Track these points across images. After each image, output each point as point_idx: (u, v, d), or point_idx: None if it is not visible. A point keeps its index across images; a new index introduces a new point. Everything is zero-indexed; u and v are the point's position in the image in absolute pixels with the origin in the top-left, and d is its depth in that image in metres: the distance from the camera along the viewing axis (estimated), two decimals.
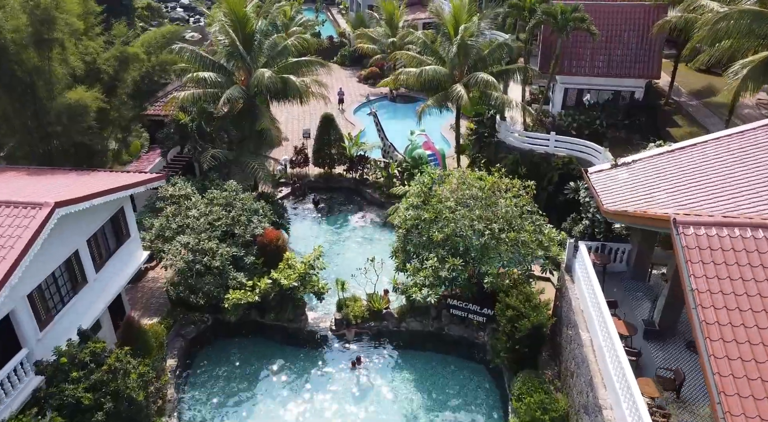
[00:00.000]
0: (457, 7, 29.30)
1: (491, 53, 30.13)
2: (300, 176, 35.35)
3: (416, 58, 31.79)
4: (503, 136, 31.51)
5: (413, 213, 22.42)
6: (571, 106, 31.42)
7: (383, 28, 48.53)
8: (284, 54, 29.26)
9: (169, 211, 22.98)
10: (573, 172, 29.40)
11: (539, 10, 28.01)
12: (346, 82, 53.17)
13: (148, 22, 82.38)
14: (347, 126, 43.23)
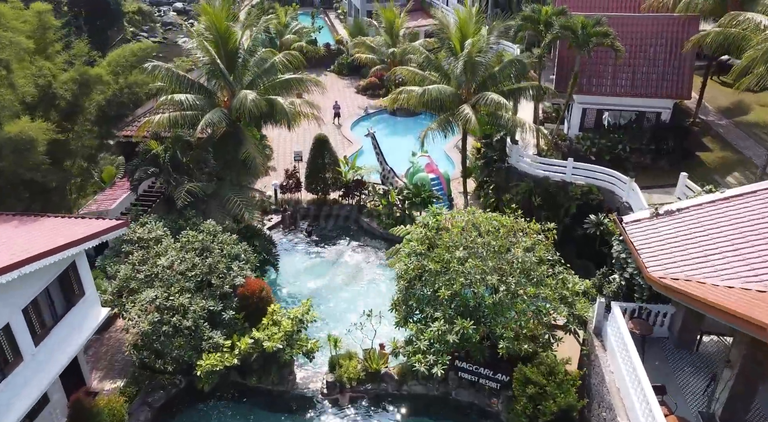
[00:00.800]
0: (464, 20, 26.30)
1: (502, 70, 27.11)
2: (291, 203, 32.33)
3: (418, 73, 28.81)
4: (514, 161, 28.48)
5: (416, 261, 19.39)
6: (590, 128, 28.39)
7: (383, 37, 45.54)
8: (272, 72, 26.24)
9: (135, 258, 19.97)
10: (593, 202, 26.39)
11: (557, 24, 24.99)
12: (344, 93, 50.18)
13: (139, 26, 79.56)
14: (344, 143, 40.26)
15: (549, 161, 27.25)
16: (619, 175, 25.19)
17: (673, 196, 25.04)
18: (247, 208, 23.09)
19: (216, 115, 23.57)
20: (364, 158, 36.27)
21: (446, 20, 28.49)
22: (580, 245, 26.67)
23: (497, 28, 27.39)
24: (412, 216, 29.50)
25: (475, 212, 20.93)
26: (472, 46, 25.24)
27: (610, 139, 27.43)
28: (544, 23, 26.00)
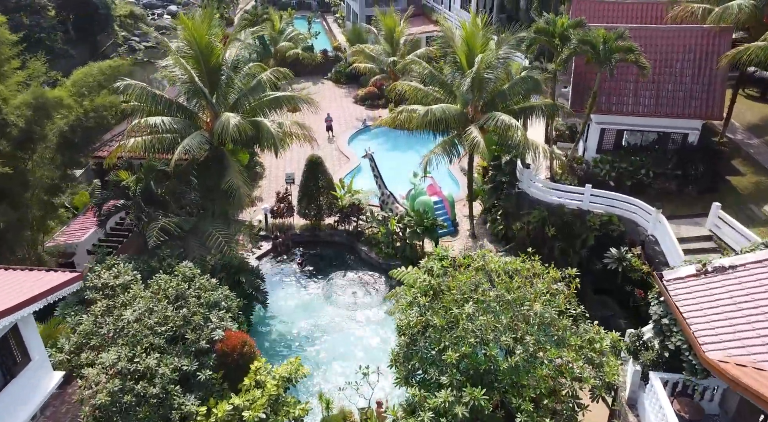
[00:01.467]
0: (470, 33, 23.80)
1: (512, 87, 24.63)
2: (283, 228, 29.84)
3: (420, 90, 26.33)
4: (526, 186, 25.99)
5: (418, 315, 16.87)
6: (609, 149, 25.86)
7: (382, 45, 43.02)
8: (259, 90, 23.76)
9: (98, 308, 17.47)
10: (613, 234, 23.91)
11: (574, 38, 22.47)
12: (341, 103, 47.69)
13: (131, 31, 77.09)
14: (340, 159, 37.77)
15: (564, 187, 24.76)
16: (643, 205, 22.71)
17: (703, 227, 22.59)
18: (229, 245, 20.58)
19: (196, 140, 21.10)
20: (362, 177, 33.89)
21: (451, 32, 25.97)
22: (599, 279, 24.19)
23: (507, 41, 24.87)
24: (414, 246, 27.03)
25: (485, 255, 18.42)
26: (480, 63, 22.73)
27: (632, 162, 24.90)
28: (559, 36, 23.48)
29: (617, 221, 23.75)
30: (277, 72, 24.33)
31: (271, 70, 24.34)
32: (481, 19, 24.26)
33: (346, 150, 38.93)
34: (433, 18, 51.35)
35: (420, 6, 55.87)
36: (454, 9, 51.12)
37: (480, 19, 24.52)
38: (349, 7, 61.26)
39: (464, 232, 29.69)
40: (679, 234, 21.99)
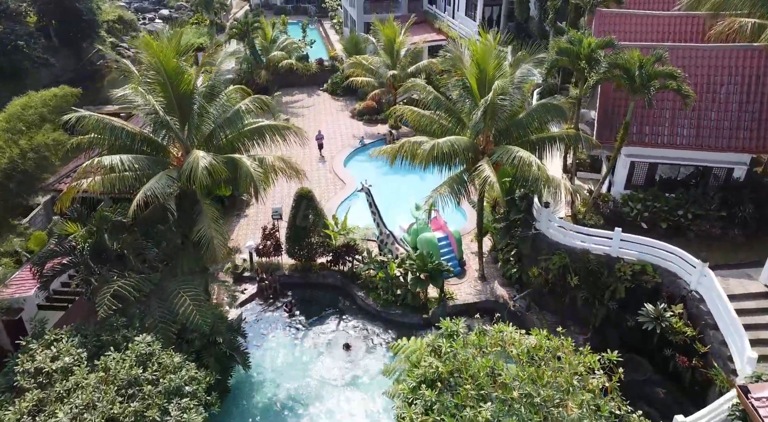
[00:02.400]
0: (482, 54, 20.51)
1: (531, 116, 21.36)
2: (270, 268, 26.57)
3: (424, 116, 23.07)
4: (543, 227, 22.74)
5: (423, 412, 13.62)
6: (639, 185, 22.61)
7: (381, 57, 39.73)
8: (236, 120, 20.48)
9: (26, 403, 14.19)
10: (647, 286, 20.67)
11: (604, 61, 19.20)
12: (337, 117, 44.41)
13: (120, 37, 73.77)
14: (335, 183, 34.47)
15: (589, 231, 21.47)
16: (685, 255, 19.44)
17: (757, 281, 19.40)
18: (199, 309, 17.29)
19: (161, 183, 17.83)
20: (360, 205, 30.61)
21: (459, 51, 22.64)
22: (631, 337, 20.95)
23: (524, 62, 21.56)
24: (417, 293, 23.78)
25: (503, 332, 15.16)
26: (495, 90, 19.44)
27: (667, 201, 21.65)
28: (586, 59, 20.18)
29: (652, 271, 20.49)
30: (257, 101, 20.99)
31: (251, 99, 20.99)
32: (493, 35, 20.90)
33: (341, 173, 35.63)
34: (436, 26, 48.09)
35: (422, 12, 52.61)
36: (458, 16, 47.82)
37: (492, 34, 21.19)
38: (347, 13, 58.01)
39: (472, 273, 26.44)
40: (728, 290, 18.75)
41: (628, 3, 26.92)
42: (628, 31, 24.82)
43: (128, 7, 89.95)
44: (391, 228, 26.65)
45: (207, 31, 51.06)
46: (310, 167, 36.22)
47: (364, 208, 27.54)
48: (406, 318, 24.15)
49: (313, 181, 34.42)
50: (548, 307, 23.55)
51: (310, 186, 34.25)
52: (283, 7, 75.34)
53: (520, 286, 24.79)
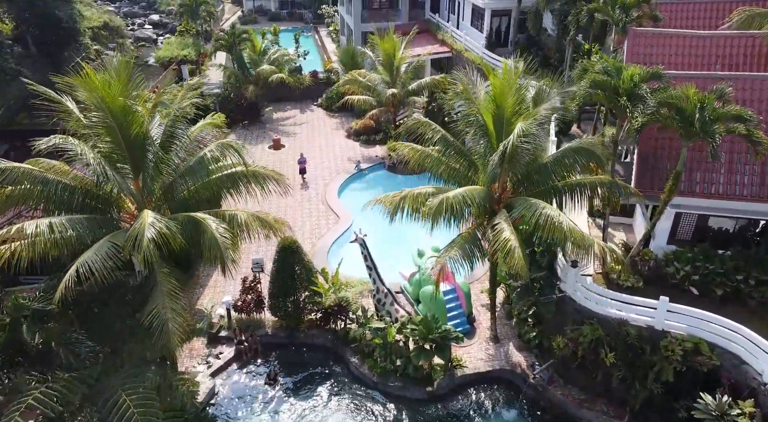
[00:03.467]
0: (500, 89, 16.88)
1: (559, 161, 17.74)
2: (251, 326, 22.96)
3: (429, 156, 19.44)
4: (570, 289, 19.14)
5: None
6: (686, 240, 19.01)
7: (380, 74, 36.11)
8: (199, 171, 16.85)
9: None
10: (703, 369, 17.05)
11: (652, 99, 15.59)
12: (332, 136, 40.81)
13: (106, 44, 70.05)
14: (327, 216, 30.80)
15: (628, 299, 17.86)
16: (755, 338, 15.81)
17: None
18: (144, 416, 13.65)
19: (101, 254, 14.24)
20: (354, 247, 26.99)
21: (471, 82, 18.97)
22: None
23: (551, 97, 17.90)
24: (420, 367, 20.17)
25: None
26: (517, 133, 15.81)
27: (722, 261, 18.04)
28: (627, 94, 16.54)
29: (709, 351, 16.90)
30: (229, 147, 17.31)
31: (217, 144, 17.34)
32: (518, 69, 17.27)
33: (335, 204, 31.96)
34: (439, 37, 44.46)
35: (423, 21, 48.97)
36: (464, 27, 44.20)
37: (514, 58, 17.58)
38: (344, 21, 54.42)
39: (483, 331, 22.86)
40: None
41: (667, 21, 23.28)
42: (667, 53, 21.20)
43: (117, 11, 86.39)
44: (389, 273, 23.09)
45: (192, 41, 47.35)
46: (300, 198, 32.64)
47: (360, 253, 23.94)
48: (407, 392, 20.57)
49: (303, 215, 30.86)
50: (576, 382, 19.97)
51: (299, 219, 31.15)
52: (278, 13, 71.78)
53: (539, 352, 21.20)
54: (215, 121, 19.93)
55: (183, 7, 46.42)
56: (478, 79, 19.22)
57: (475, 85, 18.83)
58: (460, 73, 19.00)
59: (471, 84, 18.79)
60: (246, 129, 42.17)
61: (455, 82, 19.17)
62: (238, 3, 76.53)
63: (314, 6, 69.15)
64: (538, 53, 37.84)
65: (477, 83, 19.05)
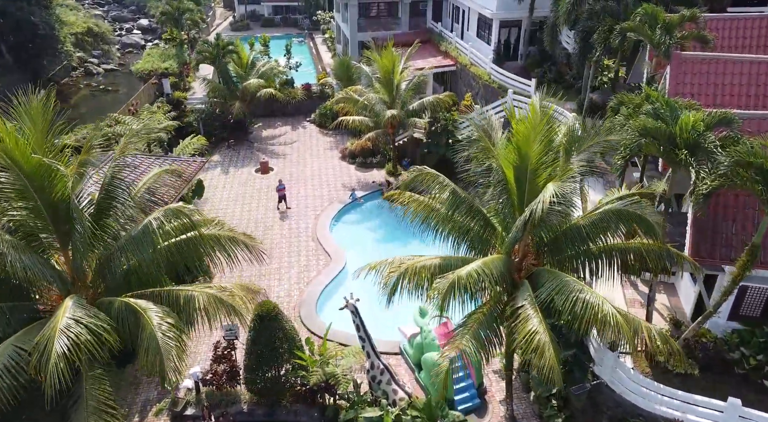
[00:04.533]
0: (524, 136, 13.33)
1: (597, 225, 14.17)
2: (222, 400, 19.38)
3: (435, 210, 15.87)
4: (607, 377, 15.61)
5: None
6: (753, 317, 15.48)
7: (377, 92, 32.55)
8: (144, 242, 13.22)
9: None
10: None
11: (725, 157, 12.08)
12: (325, 158, 37.28)
13: (90, 51, 66.51)
14: (317, 255, 27.17)
15: (685, 396, 14.32)
16: None
17: None
18: None
19: (2, 362, 10.68)
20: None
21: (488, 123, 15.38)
22: None
23: (588, 145, 14.31)
24: None
25: None
26: (544, 201, 12.25)
27: None
28: (688, 146, 12.98)
29: None
30: (179, 213, 13.65)
31: (164, 211, 13.69)
32: (544, 110, 13.71)
33: (326, 241, 28.36)
34: (442, 48, 40.89)
35: (425, 30, 45.41)
36: (468, 38, 40.66)
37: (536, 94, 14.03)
38: (339, 28, 50.88)
39: (496, 408, 19.28)
40: None
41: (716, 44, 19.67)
42: (719, 83, 17.66)
43: (105, 15, 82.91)
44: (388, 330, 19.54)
45: (175, 52, 43.75)
46: (288, 232, 29.09)
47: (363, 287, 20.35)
48: None
49: (291, 254, 27.28)
50: None
51: (285, 259, 27.83)
52: (271, 19, 68.20)
53: None
54: (173, 168, 16.34)
55: (164, 15, 42.79)
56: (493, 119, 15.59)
57: (491, 128, 15.24)
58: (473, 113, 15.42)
59: (487, 126, 15.21)
60: (232, 149, 38.67)
61: (463, 113, 15.61)
62: (231, 7, 72.95)
63: (309, 12, 65.62)
64: (551, 68, 34.42)
65: (492, 124, 15.44)
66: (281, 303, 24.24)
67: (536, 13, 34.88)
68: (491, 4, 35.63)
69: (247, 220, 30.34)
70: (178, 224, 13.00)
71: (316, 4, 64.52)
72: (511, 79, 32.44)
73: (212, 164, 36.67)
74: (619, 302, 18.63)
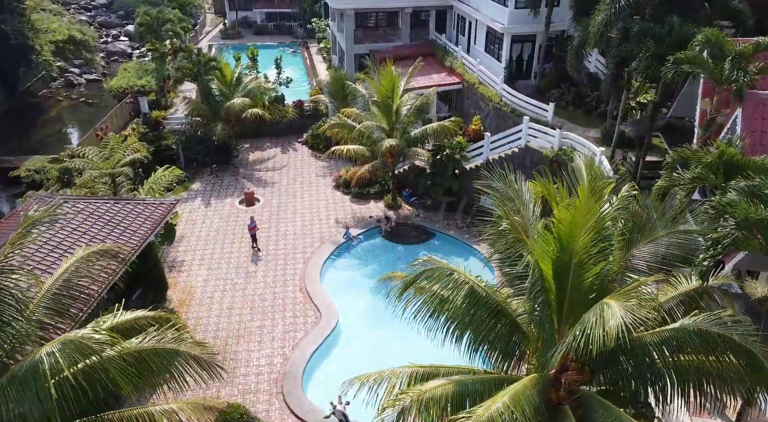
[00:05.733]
0: (569, 223, 9.65)
1: (667, 343, 10.48)
2: None
3: (450, 302, 12.13)
4: None
5: None
6: None
7: (375, 119, 28.87)
8: (32, 390, 9.36)
9: None
10: None
11: None
12: (316, 186, 33.68)
13: (71, 60, 62.78)
14: (304, 310, 23.25)
15: None
16: None
17: None
18: None
19: None
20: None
21: (515, 194, 11.72)
22: None
23: (653, 238, 10.60)
24: None
25: None
26: (611, 337, 8.58)
27: None
28: None
29: None
30: (81, 350, 9.80)
31: (60, 345, 9.84)
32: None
33: (315, 293, 24.63)
34: (447, 63, 37.21)
35: (427, 43, 41.75)
36: (475, 52, 37.00)
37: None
38: (335, 39, 47.23)
39: None
40: None
41: None
42: None
43: (91, 21, 79.19)
44: None
45: (155, 66, 40.06)
46: (273, 280, 25.40)
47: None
48: None
49: (275, 308, 23.52)
50: None
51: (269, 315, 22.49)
52: (264, 26, 64.56)
53: None
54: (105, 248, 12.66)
55: (142, 26, 39.08)
56: (527, 194, 11.87)
57: (523, 204, 11.55)
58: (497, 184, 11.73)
59: (518, 201, 11.52)
60: (215, 175, 35.03)
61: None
62: (222, 14, 69.26)
63: (304, 19, 61.97)
64: (569, 89, 30.76)
65: (524, 197, 11.76)
66: (261, 374, 20.66)
67: (552, 27, 31.29)
68: (502, 17, 31.98)
69: (227, 265, 26.67)
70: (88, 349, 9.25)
71: (312, 11, 60.86)
72: (525, 102, 28.81)
73: (192, 194, 33.06)
74: None
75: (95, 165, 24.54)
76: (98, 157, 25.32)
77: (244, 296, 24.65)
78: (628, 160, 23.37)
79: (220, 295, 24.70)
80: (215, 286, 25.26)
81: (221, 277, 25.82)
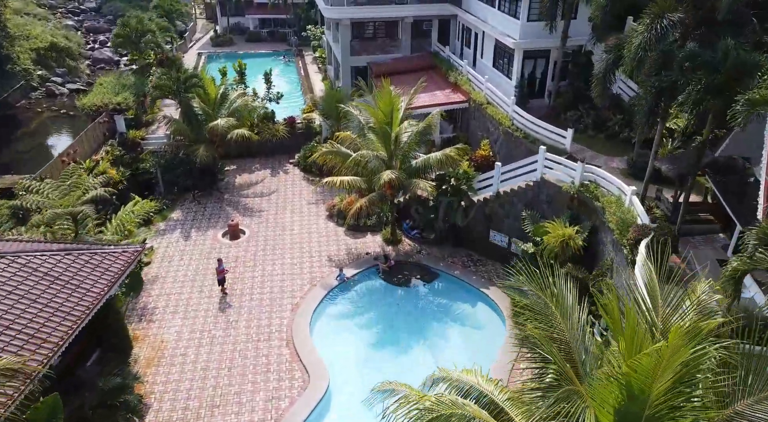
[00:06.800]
0: (645, 372, 6.58)
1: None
2: None
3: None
4: None
5: None
6: None
7: (373, 145, 25.77)
8: None
9: None
10: None
11: None
12: (307, 216, 30.60)
13: (53, 69, 59.62)
14: (290, 370, 20.03)
15: None
16: None
17: None
18: None
19: None
20: None
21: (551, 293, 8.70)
22: None
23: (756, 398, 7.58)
24: None
25: None
26: None
27: None
28: None
29: None
30: None
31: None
32: None
33: (304, 350, 21.48)
34: (451, 78, 34.10)
35: (428, 54, 38.68)
36: (482, 67, 33.93)
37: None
38: (331, 49, 44.19)
39: None
40: None
41: None
42: None
43: (78, 26, 75.94)
44: None
45: (134, 80, 36.90)
46: (256, 334, 22.29)
47: None
48: None
49: (257, 371, 20.15)
50: None
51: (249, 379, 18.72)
52: (257, 33, 61.49)
53: None
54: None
55: (119, 38, 35.95)
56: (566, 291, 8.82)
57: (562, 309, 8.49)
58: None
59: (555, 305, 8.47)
60: (198, 202, 31.95)
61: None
62: (214, 20, 66.12)
63: (299, 26, 58.88)
64: (588, 111, 27.72)
65: (567, 303, 8.69)
66: None
67: (569, 41, 28.24)
68: (513, 30, 28.92)
69: (205, 312, 23.58)
70: None
71: (307, 17, 57.81)
72: (539, 127, 25.79)
73: (171, 224, 29.95)
74: None
75: (52, 203, 21.44)
76: (57, 192, 22.25)
77: (222, 352, 21.58)
78: (663, 200, 20.30)
79: (194, 352, 21.61)
80: (190, 340, 22.17)
81: (197, 328, 22.74)
